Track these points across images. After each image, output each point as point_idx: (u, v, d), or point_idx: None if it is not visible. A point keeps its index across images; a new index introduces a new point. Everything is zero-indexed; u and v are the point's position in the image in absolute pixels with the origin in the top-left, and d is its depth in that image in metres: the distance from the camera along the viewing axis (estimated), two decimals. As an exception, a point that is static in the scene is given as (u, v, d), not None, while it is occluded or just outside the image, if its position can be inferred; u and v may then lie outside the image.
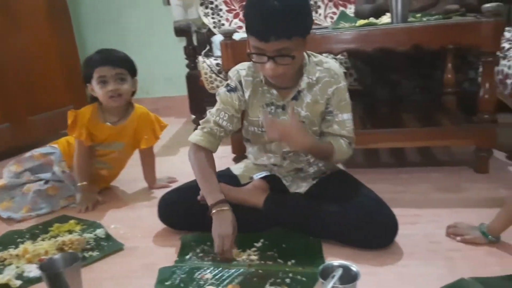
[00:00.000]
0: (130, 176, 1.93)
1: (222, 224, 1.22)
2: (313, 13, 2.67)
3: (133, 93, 1.72)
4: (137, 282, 1.19)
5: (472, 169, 1.77)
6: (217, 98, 1.37)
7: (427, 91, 2.26)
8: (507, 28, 2.13)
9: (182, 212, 1.39)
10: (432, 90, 2.24)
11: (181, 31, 2.42)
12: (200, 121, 1.39)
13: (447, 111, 2.03)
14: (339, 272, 0.95)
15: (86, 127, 1.66)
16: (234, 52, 1.72)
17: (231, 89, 1.35)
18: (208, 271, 1.18)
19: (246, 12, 1.20)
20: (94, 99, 1.68)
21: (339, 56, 2.33)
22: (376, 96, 2.30)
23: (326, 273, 0.97)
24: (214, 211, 1.24)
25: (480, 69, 1.85)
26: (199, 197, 1.34)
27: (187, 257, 1.26)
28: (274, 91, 1.33)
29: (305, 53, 1.29)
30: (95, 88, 1.63)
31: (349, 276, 0.98)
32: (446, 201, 1.52)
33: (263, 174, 1.45)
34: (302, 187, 1.41)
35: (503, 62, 1.73)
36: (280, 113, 1.35)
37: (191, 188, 1.39)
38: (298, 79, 1.31)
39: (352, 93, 2.37)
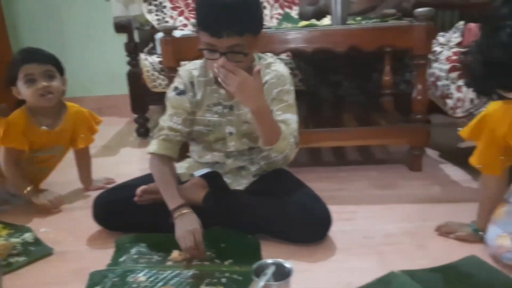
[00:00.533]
0: (63, 178, 1.84)
1: (187, 223, 1.18)
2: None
3: (63, 92, 1.63)
4: (66, 287, 1.13)
5: (407, 167, 1.84)
6: (167, 103, 1.34)
7: (366, 92, 2.34)
8: (441, 33, 2.24)
9: (118, 212, 1.34)
10: (371, 91, 2.32)
11: (121, 27, 2.35)
12: (154, 131, 1.35)
13: (384, 111, 2.11)
14: (271, 269, 0.95)
15: (23, 134, 1.54)
16: (174, 49, 1.69)
17: (181, 92, 1.32)
18: (142, 273, 1.14)
19: (198, 7, 1.18)
20: (20, 103, 1.57)
21: (284, 57, 2.36)
22: (319, 96, 2.35)
23: (260, 271, 0.97)
24: (175, 215, 1.20)
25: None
26: (135, 198, 1.30)
27: (121, 259, 1.22)
28: (222, 91, 1.31)
29: (254, 55, 1.29)
30: (22, 89, 1.52)
31: (283, 273, 0.99)
32: (382, 197, 1.58)
33: (204, 171, 1.43)
34: (242, 184, 1.41)
35: (435, 65, 1.81)
36: (227, 113, 1.34)
37: (128, 187, 1.35)
38: None
39: (297, 93, 2.41)
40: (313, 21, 1.95)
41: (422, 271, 1.10)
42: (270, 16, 2.71)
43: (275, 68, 1.33)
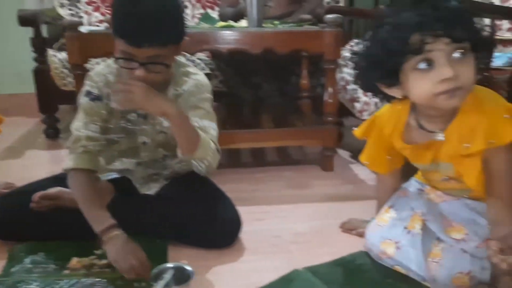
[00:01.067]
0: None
1: (123, 245, 1.07)
2: (180, 13, 2.65)
3: None
4: None
5: (321, 167, 1.90)
6: (79, 109, 1.23)
7: (285, 95, 2.39)
8: (355, 40, 2.36)
9: (12, 220, 1.23)
10: (290, 94, 2.37)
11: (26, 20, 2.18)
12: (68, 143, 1.23)
13: (301, 113, 2.16)
14: (170, 274, 0.93)
15: None
16: (81, 46, 1.59)
17: (96, 98, 1.21)
18: (35, 284, 1.06)
19: (115, 12, 1.08)
20: None
21: (203, 57, 2.35)
22: (239, 97, 2.36)
23: (159, 276, 0.94)
24: (104, 238, 1.09)
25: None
26: (32, 204, 1.21)
27: (13, 270, 1.12)
28: None
29: (173, 63, 1.23)
30: None
31: (184, 277, 0.97)
32: (295, 197, 1.61)
33: (112, 176, 1.36)
34: (153, 188, 1.35)
35: (345, 69, 1.90)
36: (141, 122, 1.27)
37: (23, 194, 1.25)
38: (164, 89, 1.23)
39: (217, 94, 2.40)
40: (231, 22, 1.95)
41: (324, 267, 1.14)
42: (192, 16, 2.68)
43: (196, 78, 1.29)
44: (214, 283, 1.08)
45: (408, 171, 1.23)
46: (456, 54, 0.82)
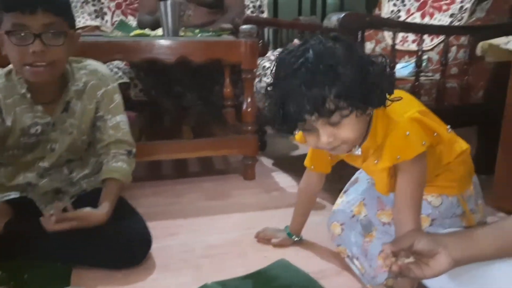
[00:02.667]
0: None
1: None
2: (100, 20, 2.56)
3: None
4: None
5: (242, 176, 1.91)
6: None
7: (209, 104, 2.38)
8: (278, 50, 2.40)
9: None
10: (213, 103, 2.37)
11: None
12: None
13: (224, 122, 2.16)
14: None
15: None
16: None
17: None
18: None
19: None
20: None
21: (121, 66, 2.27)
22: (160, 107, 2.31)
23: (50, 303, 0.89)
24: None
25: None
26: None
27: None
28: (39, 107, 1.18)
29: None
30: None
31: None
32: (212, 209, 1.60)
33: (11, 196, 1.27)
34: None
35: (264, 79, 1.92)
36: (50, 130, 1.21)
37: None
38: (63, 89, 1.19)
39: (137, 104, 2.33)
40: (147, 31, 1.91)
41: (234, 280, 1.13)
42: (112, 23, 2.59)
43: (93, 68, 1.26)
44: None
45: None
46: (335, 119, 0.83)
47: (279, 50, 2.41)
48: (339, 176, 1.58)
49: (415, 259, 0.77)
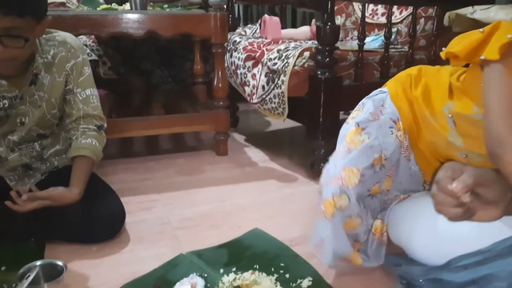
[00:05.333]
0: None
1: None
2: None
3: None
4: None
5: (215, 152, 1.92)
6: None
7: (179, 81, 2.36)
8: (249, 25, 2.40)
9: None
10: (183, 80, 2.35)
11: None
12: None
13: (195, 99, 2.16)
14: (35, 271, 0.88)
15: None
16: None
17: None
18: None
19: None
20: None
21: (89, 43, 2.22)
22: (130, 84, 2.29)
23: (24, 275, 0.89)
24: None
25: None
26: None
27: None
28: (3, 81, 1.14)
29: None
30: None
31: (56, 273, 0.92)
32: (186, 183, 1.61)
33: (-21, 173, 1.25)
34: (27, 185, 1.27)
35: (235, 54, 1.92)
36: (18, 104, 1.18)
37: None
38: (30, 62, 1.16)
39: (106, 82, 2.29)
40: (114, 5, 1.87)
41: (209, 249, 1.16)
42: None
43: (62, 39, 1.22)
44: (91, 276, 1.05)
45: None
46: None
47: (249, 25, 2.40)
48: (311, 149, 1.64)
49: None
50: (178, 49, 2.36)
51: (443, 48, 0.87)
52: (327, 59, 1.43)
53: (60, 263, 0.94)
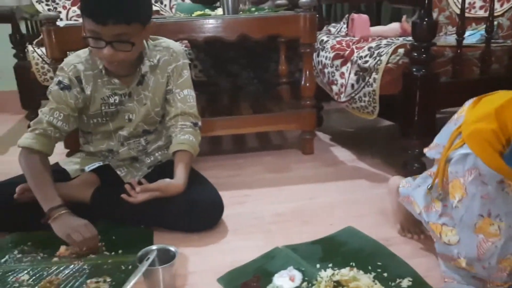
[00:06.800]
0: None
1: (69, 221, 1.14)
2: (159, 4, 2.65)
3: None
4: None
5: (301, 151, 1.95)
6: (49, 96, 1.27)
7: (264, 82, 2.43)
8: (333, 24, 2.39)
9: (-1, 211, 1.26)
10: (268, 81, 2.41)
11: (4, 17, 2.17)
12: (31, 122, 1.27)
13: (280, 99, 2.20)
14: (153, 254, 0.97)
15: None
16: (59, 39, 1.61)
17: (65, 87, 1.26)
18: (25, 272, 1.09)
19: None
20: None
21: (183, 48, 2.36)
22: (218, 86, 2.39)
23: (144, 258, 0.99)
24: (53, 216, 1.14)
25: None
26: (15, 196, 1.23)
27: (3, 260, 1.15)
28: (116, 80, 1.29)
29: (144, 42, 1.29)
30: None
31: (168, 257, 1.01)
32: (274, 180, 1.66)
33: (95, 165, 1.40)
34: (136, 177, 1.39)
35: (322, 53, 1.93)
36: (126, 100, 1.33)
37: (8, 185, 1.27)
38: (139, 64, 1.30)
39: (196, 84, 2.42)
40: (207, 11, 1.98)
41: (303, 245, 1.19)
42: (170, 7, 2.68)
43: (166, 45, 1.36)
44: (198, 262, 1.13)
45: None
46: None
47: (333, 24, 2.40)
48: (402, 148, 1.60)
49: None
50: (263, 51, 2.42)
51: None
52: (424, 55, 1.39)
53: (172, 248, 1.02)
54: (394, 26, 1.97)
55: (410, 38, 1.66)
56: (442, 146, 1.00)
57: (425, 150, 1.08)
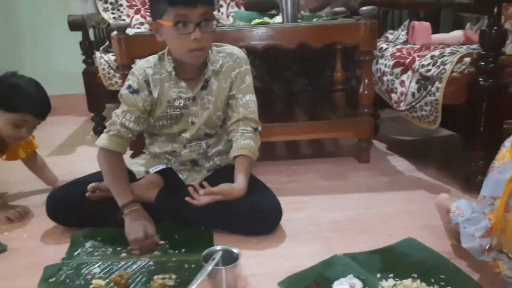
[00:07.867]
0: (14, 177, 1.83)
1: (137, 218, 1.23)
2: (216, 12, 2.73)
3: None
4: (21, 281, 1.14)
5: (356, 159, 1.94)
6: (120, 100, 1.36)
7: (319, 89, 2.43)
8: (390, 31, 2.37)
9: (71, 208, 1.35)
10: (323, 87, 2.41)
11: (76, 25, 2.32)
12: (106, 124, 1.36)
13: (335, 106, 2.20)
14: (219, 254, 1.01)
15: None
16: (128, 47, 1.71)
17: (134, 91, 1.34)
18: (96, 265, 1.16)
19: None
20: None
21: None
22: (273, 93, 2.43)
23: (209, 257, 1.03)
24: (125, 211, 1.24)
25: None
26: (87, 194, 1.32)
27: (76, 253, 1.24)
28: (183, 83, 1.35)
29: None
30: None
31: (231, 259, 1.04)
32: (330, 188, 1.66)
33: (159, 167, 1.47)
34: (196, 179, 1.44)
35: (381, 61, 1.92)
36: (190, 104, 1.38)
37: (80, 184, 1.37)
38: (203, 69, 1.36)
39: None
40: (266, 19, 2.02)
41: (362, 254, 1.18)
42: (227, 15, 2.75)
43: (230, 51, 1.41)
44: (258, 265, 1.16)
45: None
46: None
47: (391, 31, 2.37)
48: (464, 160, 1.55)
49: None
50: (318, 58, 2.43)
51: None
52: (491, 65, 1.35)
53: (235, 250, 1.06)
54: (457, 34, 1.92)
55: (474, 46, 1.62)
56: (490, 198, 0.96)
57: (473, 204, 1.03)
